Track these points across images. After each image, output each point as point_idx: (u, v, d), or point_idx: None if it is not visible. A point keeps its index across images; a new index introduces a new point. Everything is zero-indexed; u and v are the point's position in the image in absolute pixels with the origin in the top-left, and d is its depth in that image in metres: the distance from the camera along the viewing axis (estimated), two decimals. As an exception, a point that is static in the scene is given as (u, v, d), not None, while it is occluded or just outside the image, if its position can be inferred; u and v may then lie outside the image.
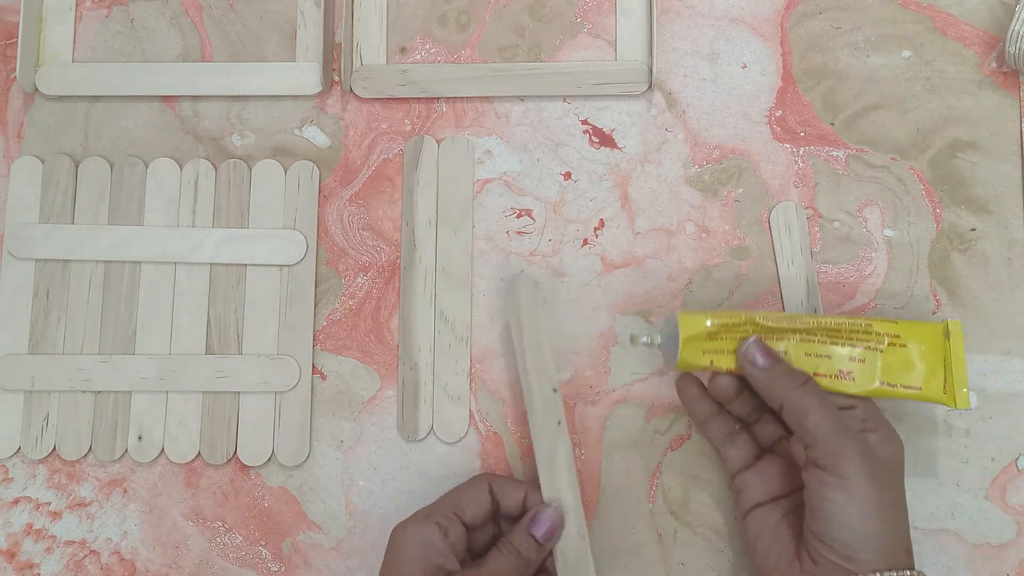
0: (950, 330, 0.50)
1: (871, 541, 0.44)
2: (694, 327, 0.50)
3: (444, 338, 0.57)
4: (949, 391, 0.50)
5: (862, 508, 0.44)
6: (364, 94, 0.60)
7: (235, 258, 0.58)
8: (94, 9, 0.62)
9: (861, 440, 0.46)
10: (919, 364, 0.50)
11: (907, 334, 0.50)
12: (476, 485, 0.50)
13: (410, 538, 0.48)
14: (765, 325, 0.50)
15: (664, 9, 0.60)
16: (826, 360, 0.50)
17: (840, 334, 0.50)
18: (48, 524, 0.57)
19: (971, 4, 0.59)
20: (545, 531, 0.49)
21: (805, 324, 0.50)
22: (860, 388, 0.50)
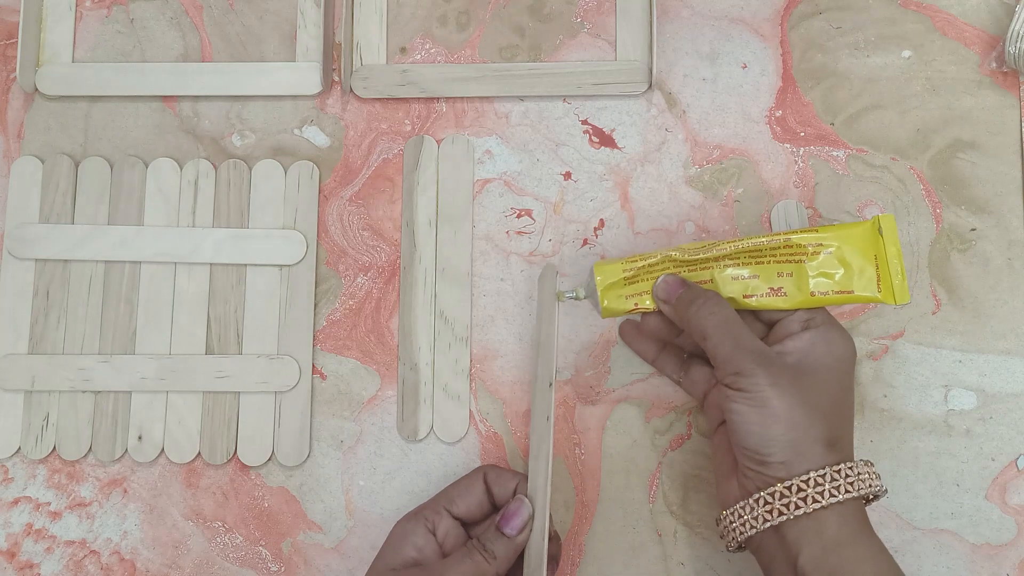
0: (882, 225, 0.49)
1: (777, 445, 0.45)
2: (611, 275, 0.50)
3: (444, 338, 0.57)
4: (886, 288, 0.49)
5: (763, 415, 0.45)
6: (364, 94, 0.60)
7: (235, 258, 0.58)
8: (94, 9, 0.62)
9: (761, 354, 0.46)
10: (850, 267, 0.49)
11: (833, 239, 0.49)
12: (471, 477, 0.51)
13: (395, 531, 0.50)
14: (682, 259, 0.50)
15: (664, 9, 0.60)
16: (754, 281, 0.50)
17: (762, 253, 0.50)
18: (48, 524, 0.57)
19: (971, 4, 0.59)
20: (514, 526, 0.49)
21: (724, 250, 0.50)
22: (792, 302, 0.49)
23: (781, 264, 0.49)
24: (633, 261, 0.51)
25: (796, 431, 0.45)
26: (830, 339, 0.48)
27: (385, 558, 0.49)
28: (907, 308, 0.57)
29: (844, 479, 0.45)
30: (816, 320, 0.49)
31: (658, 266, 0.50)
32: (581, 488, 0.56)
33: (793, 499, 0.44)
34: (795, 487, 0.45)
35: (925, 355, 0.56)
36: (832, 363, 0.47)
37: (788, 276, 0.49)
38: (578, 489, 0.56)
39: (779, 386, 0.45)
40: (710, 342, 0.48)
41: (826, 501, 0.44)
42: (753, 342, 0.47)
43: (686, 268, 0.50)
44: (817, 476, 0.44)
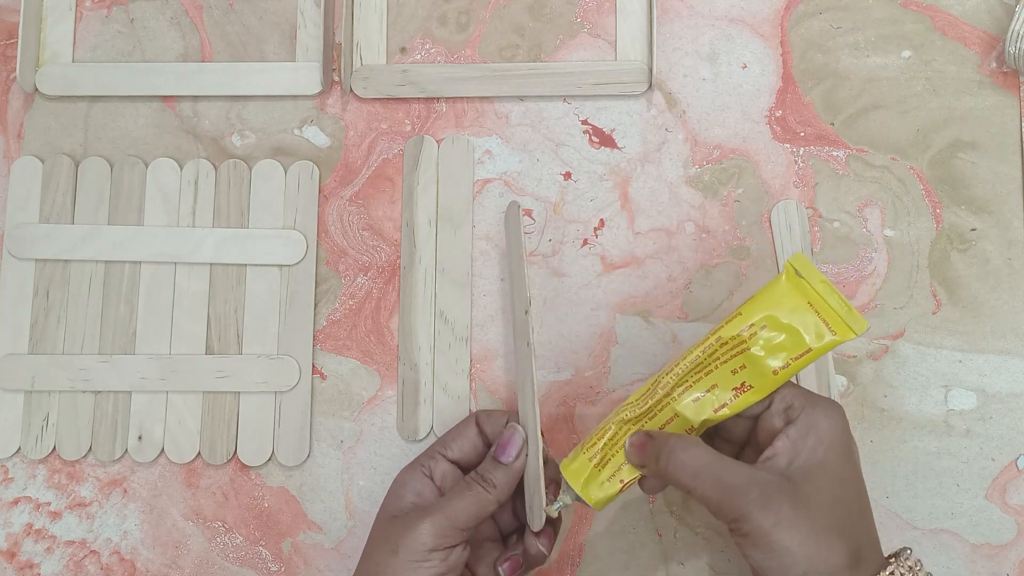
0: (797, 268, 0.46)
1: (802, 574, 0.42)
2: (581, 471, 0.48)
3: (444, 338, 0.57)
4: (837, 326, 0.45)
5: (778, 560, 0.42)
6: (364, 94, 0.60)
7: (235, 258, 0.58)
8: (94, 9, 0.62)
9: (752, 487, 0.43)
10: (792, 328, 0.45)
11: (758, 311, 0.46)
12: (463, 423, 0.52)
13: (394, 482, 0.51)
14: (634, 416, 0.47)
15: (664, 9, 0.60)
16: (715, 391, 0.46)
17: (704, 364, 0.47)
18: (48, 524, 0.57)
19: (971, 4, 0.59)
20: (509, 453, 0.49)
21: (668, 383, 0.47)
22: (763, 390, 0.46)
23: (729, 363, 0.46)
24: (592, 444, 0.48)
25: (817, 564, 0.42)
26: (815, 423, 0.44)
27: (387, 508, 0.50)
28: (907, 308, 0.57)
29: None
30: (795, 407, 0.45)
31: (619, 435, 0.48)
32: (581, 488, 0.56)
33: None
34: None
35: (925, 355, 0.56)
36: (826, 453, 0.44)
37: (743, 369, 0.46)
38: (578, 489, 0.56)
39: (783, 522, 0.42)
40: (696, 494, 0.44)
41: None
42: (739, 475, 0.43)
43: (645, 420, 0.47)
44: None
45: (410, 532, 0.47)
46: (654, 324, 0.57)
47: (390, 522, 0.48)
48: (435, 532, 0.47)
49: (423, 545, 0.46)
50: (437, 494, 0.50)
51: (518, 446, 0.49)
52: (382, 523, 0.49)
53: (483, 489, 0.48)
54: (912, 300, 0.57)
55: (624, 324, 0.57)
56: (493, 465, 0.49)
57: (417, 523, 0.47)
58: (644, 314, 0.57)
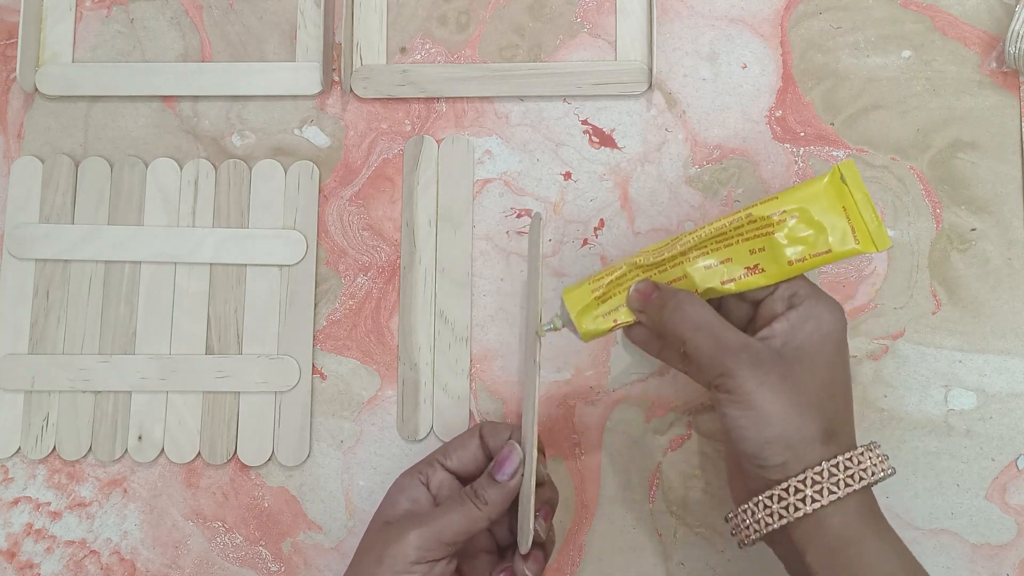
0: (844, 173, 0.46)
1: (772, 448, 0.44)
2: (581, 298, 0.49)
3: (444, 338, 0.57)
4: (863, 237, 0.46)
5: (755, 419, 0.44)
6: (364, 94, 0.60)
7: (235, 258, 0.58)
8: (94, 9, 0.62)
9: (744, 351, 0.45)
10: (820, 225, 0.46)
11: (794, 201, 0.46)
12: (467, 433, 0.51)
13: (391, 488, 0.50)
14: (648, 263, 0.48)
15: (664, 9, 0.60)
16: (727, 266, 0.47)
17: (728, 235, 0.47)
18: (48, 524, 0.57)
19: (971, 4, 0.59)
20: (505, 472, 0.48)
21: (689, 242, 0.48)
22: (772, 276, 0.47)
23: (750, 241, 0.47)
24: (599, 279, 0.49)
25: (791, 431, 0.44)
26: (817, 313, 0.46)
27: (382, 513, 0.49)
28: (907, 308, 0.57)
29: (843, 473, 0.43)
30: (800, 295, 0.46)
31: (626, 277, 0.49)
32: (581, 488, 0.56)
33: (792, 501, 0.43)
34: (792, 488, 0.43)
35: (925, 355, 0.56)
36: (820, 341, 0.45)
37: (761, 251, 0.47)
38: (578, 489, 0.56)
39: (767, 385, 0.44)
40: (689, 345, 0.46)
41: (825, 500, 0.43)
42: (735, 337, 0.45)
43: (656, 271, 0.48)
44: (814, 475, 0.43)
45: (396, 542, 0.46)
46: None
47: (381, 528, 0.48)
48: (420, 544, 0.46)
49: (406, 557, 0.46)
50: (432, 503, 0.49)
51: (514, 465, 0.48)
52: (374, 528, 0.49)
53: (474, 506, 0.47)
54: (912, 300, 0.57)
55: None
56: (488, 482, 0.48)
57: (404, 533, 0.46)
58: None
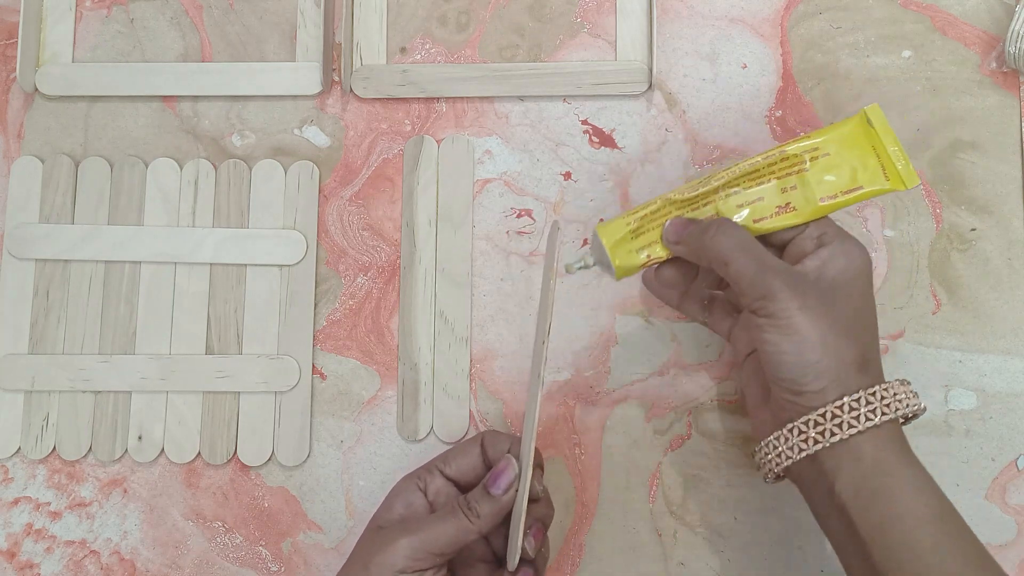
0: (870, 117, 0.48)
1: (812, 373, 0.44)
2: (616, 232, 0.49)
3: (444, 338, 0.57)
4: (892, 175, 0.48)
5: (797, 343, 0.44)
6: (364, 94, 0.60)
7: (235, 258, 0.58)
8: (94, 9, 0.62)
9: (786, 273, 0.45)
10: (851, 164, 0.48)
11: (827, 141, 0.48)
12: (469, 441, 0.51)
13: (390, 492, 0.50)
14: (681, 199, 0.49)
15: (664, 9, 0.60)
16: (759, 203, 0.48)
17: (760, 173, 0.48)
18: (48, 524, 0.57)
19: (971, 4, 0.59)
20: (499, 485, 0.48)
21: (722, 179, 0.48)
22: (803, 215, 0.48)
23: (783, 179, 0.48)
24: (634, 212, 0.49)
25: (830, 356, 0.44)
26: (847, 251, 0.47)
27: (377, 517, 0.49)
28: (907, 308, 0.57)
29: (880, 401, 0.44)
30: (828, 235, 0.47)
31: (660, 212, 0.49)
32: (581, 488, 0.56)
33: (828, 426, 0.44)
34: (830, 414, 0.44)
35: (925, 355, 0.56)
36: (853, 276, 0.46)
37: (793, 190, 0.48)
38: (578, 489, 0.56)
39: (809, 308, 0.44)
40: (732, 267, 0.46)
41: (862, 426, 0.43)
42: (776, 261, 0.46)
43: (688, 208, 0.49)
44: (852, 401, 0.43)
45: (385, 549, 0.46)
46: (654, 324, 0.57)
47: (375, 532, 0.48)
48: (408, 554, 0.46)
49: (393, 565, 0.45)
50: (428, 510, 0.49)
51: (509, 479, 0.48)
52: (368, 532, 0.49)
53: (467, 517, 0.47)
54: (912, 300, 0.57)
55: (624, 324, 0.57)
56: (482, 494, 0.48)
57: (394, 540, 0.46)
58: (644, 314, 0.57)
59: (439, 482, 0.50)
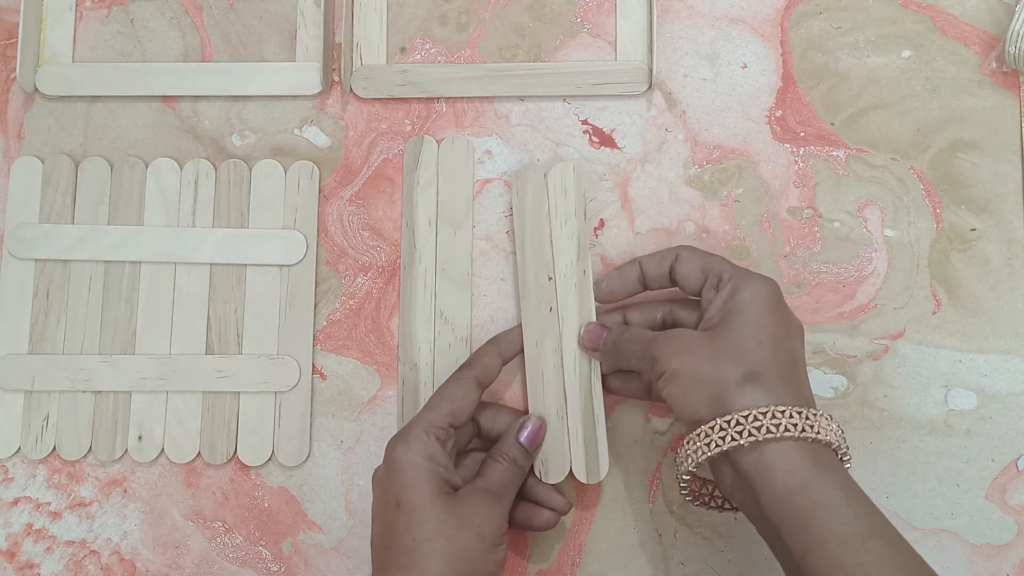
0: None
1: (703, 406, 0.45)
2: None
3: (444, 338, 0.57)
4: None
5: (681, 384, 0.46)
6: (364, 94, 0.60)
7: (235, 258, 0.58)
8: (94, 9, 0.62)
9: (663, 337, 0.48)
10: None
11: None
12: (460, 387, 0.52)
13: (415, 456, 0.49)
14: None
15: (664, 9, 0.60)
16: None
17: None
18: (48, 524, 0.57)
19: (971, 4, 0.59)
20: (531, 439, 0.52)
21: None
22: None
23: None
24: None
25: (712, 384, 0.45)
26: (740, 287, 0.48)
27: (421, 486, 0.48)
28: (907, 308, 0.57)
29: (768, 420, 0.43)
30: (724, 278, 0.49)
31: None
32: (581, 488, 0.56)
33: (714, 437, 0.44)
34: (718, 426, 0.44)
35: (925, 355, 0.56)
36: (744, 305, 0.47)
37: None
38: (578, 489, 0.56)
39: (684, 352, 0.46)
40: (632, 360, 0.50)
41: (743, 440, 0.43)
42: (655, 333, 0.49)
43: None
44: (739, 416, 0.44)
45: (491, 516, 0.48)
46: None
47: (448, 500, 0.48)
48: (504, 516, 0.49)
49: (501, 529, 0.49)
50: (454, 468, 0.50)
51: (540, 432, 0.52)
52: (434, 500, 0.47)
53: (519, 472, 0.51)
54: (912, 300, 0.57)
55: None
56: (517, 447, 0.51)
57: (491, 507, 0.48)
58: (644, 314, 0.57)
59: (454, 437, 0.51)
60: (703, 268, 0.50)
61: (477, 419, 0.53)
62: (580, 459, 0.53)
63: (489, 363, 0.53)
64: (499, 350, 0.54)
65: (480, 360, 0.53)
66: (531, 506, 0.52)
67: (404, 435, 0.49)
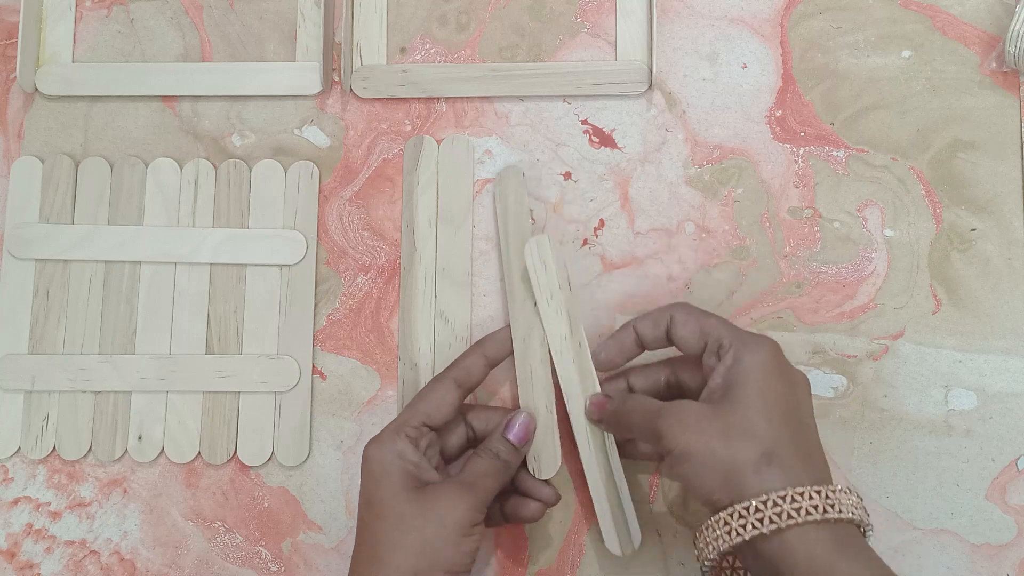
0: None
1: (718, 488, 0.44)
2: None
3: (444, 338, 0.57)
4: None
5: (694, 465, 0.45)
6: (364, 94, 0.60)
7: (235, 258, 0.58)
8: (94, 9, 0.62)
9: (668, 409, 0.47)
10: None
11: None
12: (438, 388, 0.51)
13: (385, 454, 0.49)
14: None
15: (664, 9, 0.60)
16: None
17: None
18: (48, 524, 0.57)
19: (971, 4, 0.59)
20: (519, 435, 0.51)
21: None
22: None
23: None
24: None
25: (726, 466, 0.44)
26: (740, 357, 0.47)
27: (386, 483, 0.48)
28: (907, 308, 0.57)
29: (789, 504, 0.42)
30: (724, 344, 0.48)
31: None
32: (581, 488, 0.56)
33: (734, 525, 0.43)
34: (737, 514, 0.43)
35: (925, 355, 0.56)
36: (746, 375, 0.46)
37: None
38: (578, 489, 0.56)
39: (692, 430, 0.45)
40: (636, 431, 0.49)
41: (766, 528, 0.42)
42: (662, 404, 0.47)
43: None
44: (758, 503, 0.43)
45: (454, 509, 0.47)
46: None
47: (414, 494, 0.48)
48: (475, 508, 0.48)
49: (470, 520, 0.48)
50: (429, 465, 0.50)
51: (530, 434, 0.52)
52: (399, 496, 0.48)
53: (503, 466, 0.50)
54: (912, 300, 0.57)
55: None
56: (504, 443, 0.51)
57: (458, 500, 0.48)
58: (644, 314, 0.57)
59: (429, 436, 0.51)
60: (700, 332, 0.49)
61: (470, 421, 0.53)
62: (611, 533, 0.52)
63: (470, 364, 0.52)
64: (483, 351, 0.53)
65: (462, 361, 0.53)
66: (520, 498, 0.52)
67: (378, 436, 0.50)
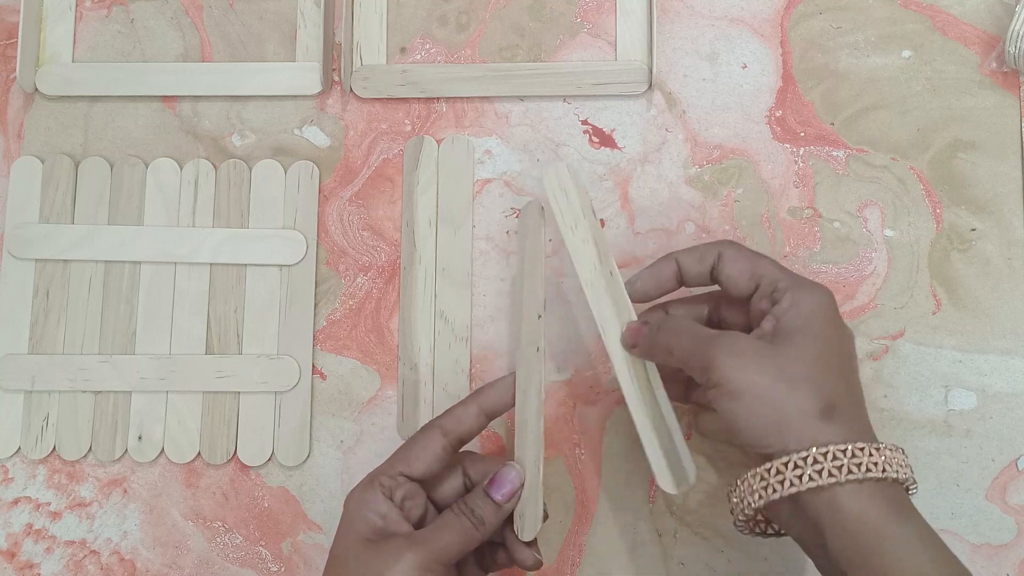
0: None
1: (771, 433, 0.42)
2: None
3: (444, 338, 0.57)
4: None
5: (747, 405, 0.43)
6: (364, 94, 0.60)
7: (235, 258, 0.58)
8: (94, 9, 0.62)
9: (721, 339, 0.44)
10: None
11: None
12: (422, 437, 0.49)
13: (352, 502, 0.48)
14: None
15: (664, 9, 0.60)
16: None
17: None
18: (48, 524, 0.57)
19: (971, 4, 0.59)
20: (505, 493, 0.48)
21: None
22: None
23: None
24: None
25: (785, 408, 0.42)
26: (798, 299, 0.45)
27: (355, 530, 0.47)
28: (907, 308, 0.57)
29: (849, 459, 0.41)
30: (780, 288, 0.46)
31: None
32: (581, 488, 0.56)
33: (788, 476, 0.41)
34: (793, 464, 0.41)
35: (925, 355, 0.56)
36: (806, 321, 0.44)
37: None
38: (578, 489, 0.56)
39: (751, 366, 0.43)
40: (676, 353, 0.46)
41: (824, 480, 0.41)
42: (712, 332, 0.45)
43: None
44: (817, 454, 0.41)
45: (395, 564, 0.45)
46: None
47: (366, 546, 0.46)
48: (421, 565, 0.45)
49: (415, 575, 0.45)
50: (401, 516, 0.47)
51: (515, 488, 0.48)
52: (355, 546, 0.46)
53: (472, 525, 0.46)
54: (912, 300, 0.57)
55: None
56: (485, 501, 0.47)
57: (401, 555, 0.45)
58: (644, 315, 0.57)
59: (407, 486, 0.48)
60: (752, 273, 0.47)
61: (467, 470, 0.50)
62: (664, 471, 0.49)
63: (462, 412, 0.49)
64: (479, 400, 0.50)
65: (454, 409, 0.50)
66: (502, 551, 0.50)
67: (359, 483, 0.48)
